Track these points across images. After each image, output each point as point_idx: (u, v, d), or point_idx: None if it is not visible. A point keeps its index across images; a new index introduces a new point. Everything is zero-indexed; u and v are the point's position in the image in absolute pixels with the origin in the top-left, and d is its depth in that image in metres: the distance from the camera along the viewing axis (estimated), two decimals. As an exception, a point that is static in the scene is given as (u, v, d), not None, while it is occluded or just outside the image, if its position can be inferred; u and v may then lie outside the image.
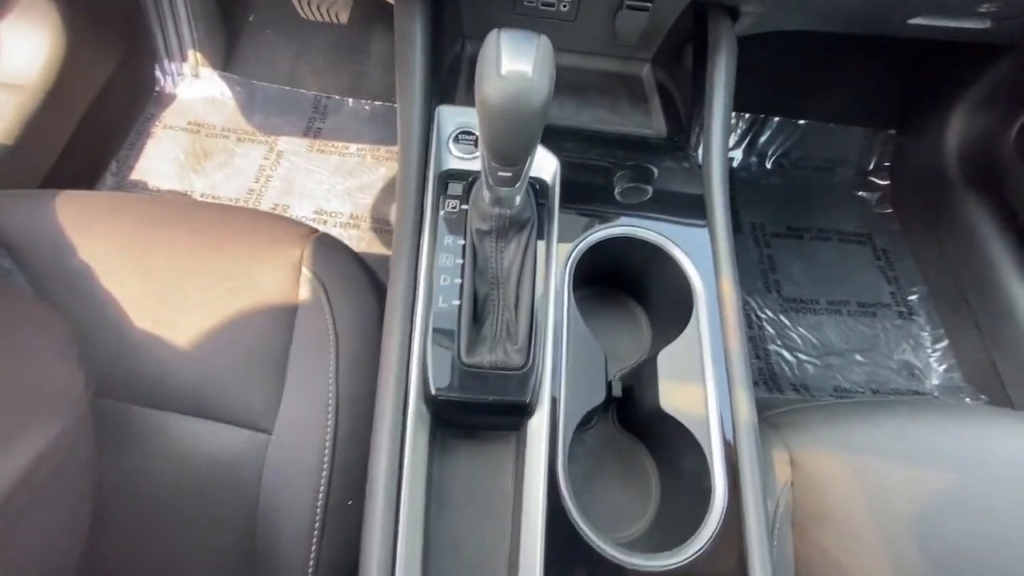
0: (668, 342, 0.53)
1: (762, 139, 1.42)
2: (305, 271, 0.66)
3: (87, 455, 0.58)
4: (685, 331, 0.52)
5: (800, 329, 1.22)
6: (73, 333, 0.58)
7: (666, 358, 0.51)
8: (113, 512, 0.59)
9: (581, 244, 0.55)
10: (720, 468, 0.46)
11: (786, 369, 1.17)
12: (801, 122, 1.41)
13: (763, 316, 1.23)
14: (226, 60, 1.40)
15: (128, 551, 0.58)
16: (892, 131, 1.41)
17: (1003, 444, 0.65)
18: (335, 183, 1.32)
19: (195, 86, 1.40)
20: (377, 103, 1.42)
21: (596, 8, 0.71)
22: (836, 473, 0.62)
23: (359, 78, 1.41)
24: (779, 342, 1.21)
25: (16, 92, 1.06)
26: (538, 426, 0.47)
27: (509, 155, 0.43)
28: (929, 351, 1.23)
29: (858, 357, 1.20)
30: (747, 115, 1.40)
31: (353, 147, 1.38)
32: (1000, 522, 0.61)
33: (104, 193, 0.79)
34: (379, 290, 0.69)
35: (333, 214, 1.28)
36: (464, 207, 0.55)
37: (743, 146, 1.43)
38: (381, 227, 1.27)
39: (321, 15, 1.32)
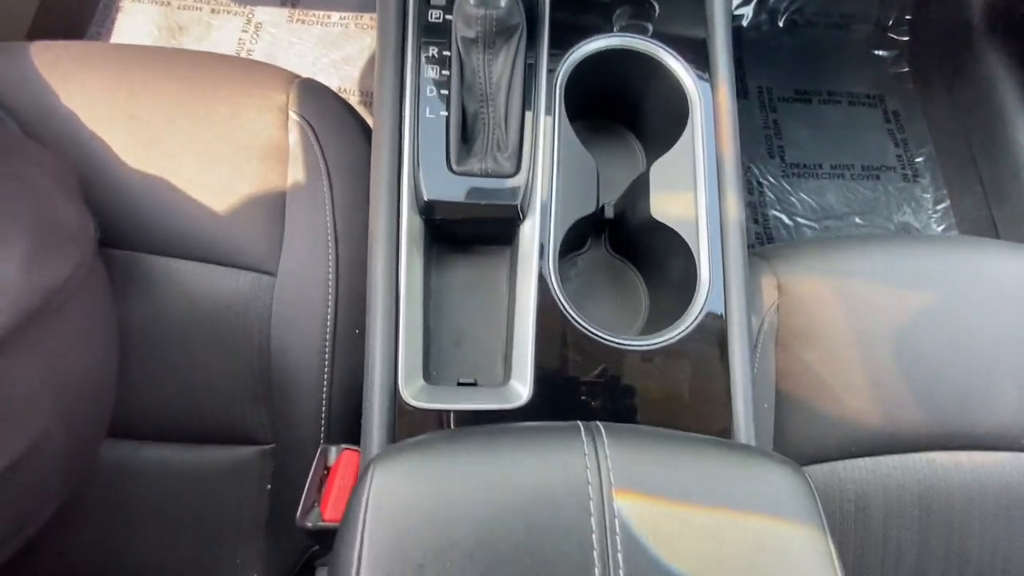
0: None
1: (777, -7, 1.31)
2: (292, 114, 0.65)
3: (104, 292, 0.60)
4: (679, 140, 0.52)
5: (801, 194, 1.21)
6: (76, 175, 0.58)
7: (659, 169, 0.51)
8: (130, 354, 0.62)
9: (575, 55, 0.53)
10: (705, 262, 0.48)
11: (783, 232, 1.18)
12: (818, -29, 1.29)
13: (764, 182, 1.22)
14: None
15: (150, 385, 0.62)
16: (917, -22, 1.30)
17: (990, 268, 0.67)
18: (319, 55, 1.25)
19: (158, -49, 1.28)
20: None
21: None
22: (822, 295, 0.64)
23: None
24: (778, 207, 1.20)
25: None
26: (530, 231, 0.48)
27: None
28: (930, 212, 1.22)
29: (857, 220, 1.20)
30: (760, -37, 1.28)
31: (335, 15, 1.29)
32: (977, 338, 0.63)
33: (84, 43, 0.75)
34: (367, 130, 0.68)
35: (320, 88, 1.23)
36: (448, 17, 0.52)
37: (753, 2, 1.32)
38: (369, 100, 1.22)
39: None
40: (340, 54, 1.25)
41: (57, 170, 0.58)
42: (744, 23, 1.33)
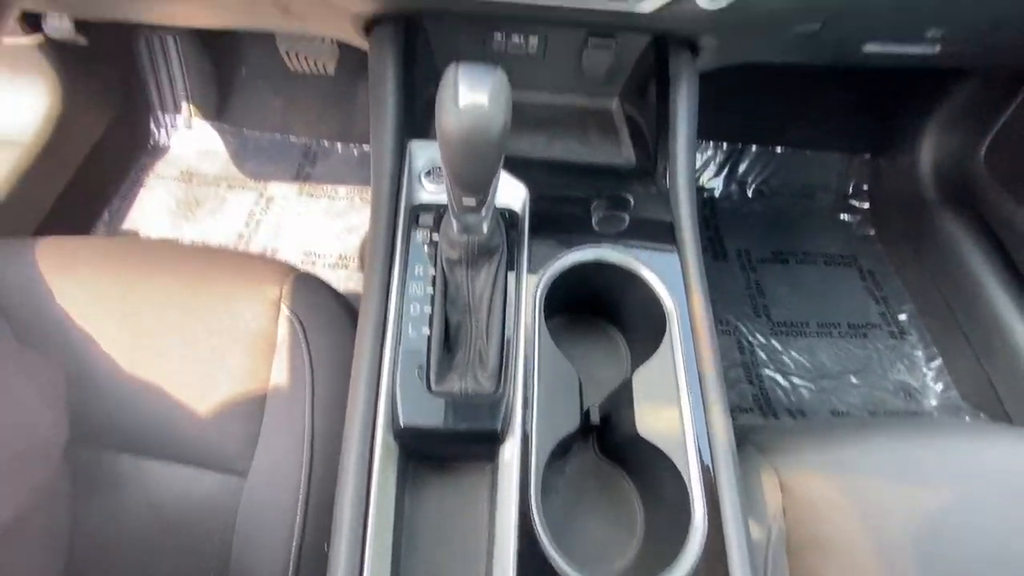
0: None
1: (741, 167, 1.46)
2: (284, 309, 0.67)
3: (64, 504, 0.57)
4: (659, 350, 0.52)
5: (792, 352, 1.22)
6: (63, 376, 0.58)
7: (640, 379, 0.50)
8: (87, 558, 0.57)
9: (551, 270, 0.56)
10: (699, 493, 0.45)
11: (780, 394, 1.16)
12: (778, 150, 1.44)
13: (754, 341, 1.23)
14: (218, 111, 1.45)
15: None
16: (867, 155, 1.45)
17: (995, 457, 0.64)
18: (324, 225, 1.34)
19: (188, 137, 1.44)
20: (366, 146, 1.46)
21: (562, 47, 0.74)
22: (828, 496, 0.60)
23: (347, 123, 1.46)
24: (772, 367, 1.19)
25: (11, 149, 1.10)
26: (510, 455, 0.46)
27: (471, 183, 0.45)
28: (924, 370, 1.21)
29: (852, 379, 1.19)
30: (725, 144, 1.43)
31: (342, 190, 1.41)
32: (998, 537, 0.59)
33: (86, 238, 0.81)
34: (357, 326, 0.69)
35: (322, 255, 1.30)
36: (435, 237, 0.56)
37: (723, 175, 1.46)
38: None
39: (309, 67, 1.38)
40: (344, 224, 1.35)
41: (43, 376, 0.58)
42: (716, 194, 1.45)
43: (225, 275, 0.70)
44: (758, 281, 1.33)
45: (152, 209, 1.34)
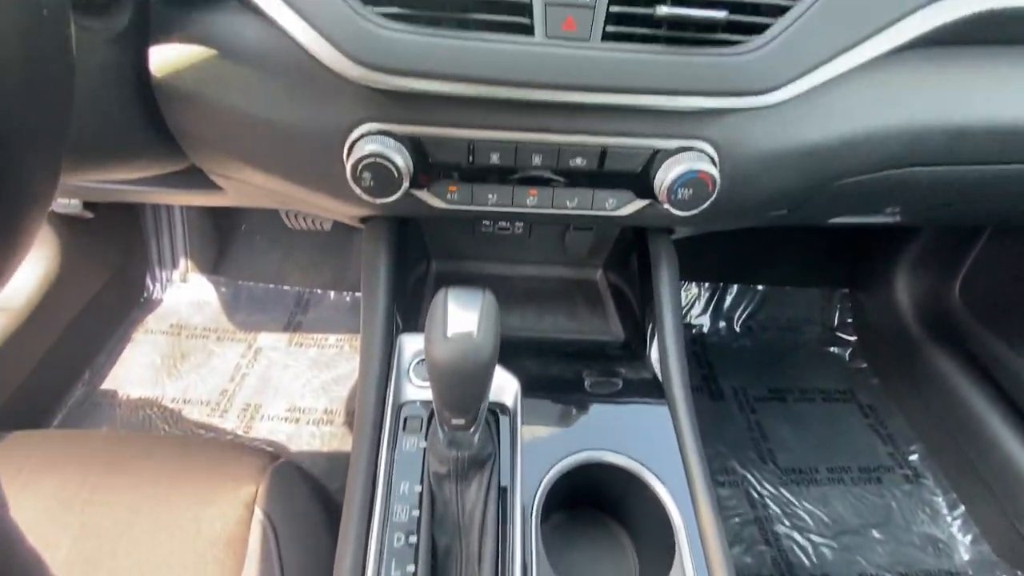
0: (655, 571, 0.47)
1: (726, 304, 1.49)
2: (258, 512, 0.62)
3: None
4: (672, 570, 0.47)
5: (806, 504, 1.14)
6: None
7: None
8: None
9: (548, 476, 0.53)
10: None
11: (801, 556, 1.06)
12: (759, 287, 1.49)
13: (764, 492, 1.15)
14: (216, 264, 1.49)
15: None
16: (846, 290, 1.49)
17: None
18: (311, 377, 1.31)
19: (182, 290, 1.46)
20: (358, 293, 1.48)
21: (546, 230, 0.78)
22: None
23: (341, 272, 1.50)
24: (787, 522, 1.11)
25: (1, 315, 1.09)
26: None
27: (460, 407, 0.43)
28: (948, 519, 1.13)
29: (875, 533, 1.10)
30: (707, 284, 1.48)
31: (332, 338, 1.40)
32: None
33: (49, 433, 0.77)
34: (335, 528, 0.64)
35: (307, 411, 1.25)
36: (423, 445, 0.53)
37: (709, 312, 1.48)
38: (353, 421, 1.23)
39: (307, 225, 1.45)
40: (332, 374, 1.32)
41: None
42: (705, 330, 1.47)
43: (198, 473, 0.65)
44: (759, 422, 1.29)
45: (136, 365, 1.31)
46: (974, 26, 0.53)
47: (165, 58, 0.52)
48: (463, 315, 0.42)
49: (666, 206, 0.57)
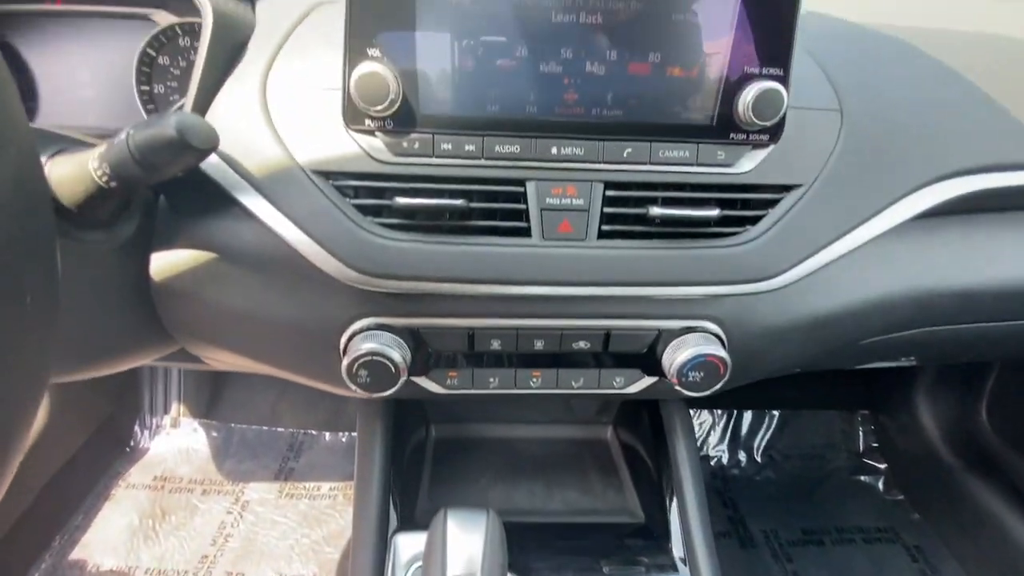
0: None
1: (743, 432, 1.41)
2: None
3: None
4: None
5: None
6: None
7: None
8: None
9: None
10: None
11: None
12: (775, 412, 1.42)
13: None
14: (208, 408, 1.44)
15: None
16: (866, 412, 1.43)
17: None
18: (301, 536, 1.20)
19: (171, 437, 1.40)
20: (353, 433, 1.41)
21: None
22: None
23: (337, 411, 1.44)
24: None
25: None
26: None
27: None
28: None
29: None
30: (719, 411, 1.41)
31: (325, 486, 1.31)
32: None
33: None
34: None
35: (294, 579, 1.13)
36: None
37: (726, 442, 1.40)
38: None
39: (304, 365, 1.42)
40: (323, 531, 1.21)
41: None
42: (724, 462, 1.38)
43: None
44: (796, 572, 1.16)
45: (112, 527, 1.20)
46: (969, 201, 0.54)
47: (166, 261, 0.53)
48: (465, 551, 0.37)
49: (677, 388, 0.54)
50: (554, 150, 0.48)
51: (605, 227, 0.49)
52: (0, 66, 0.26)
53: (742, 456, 1.39)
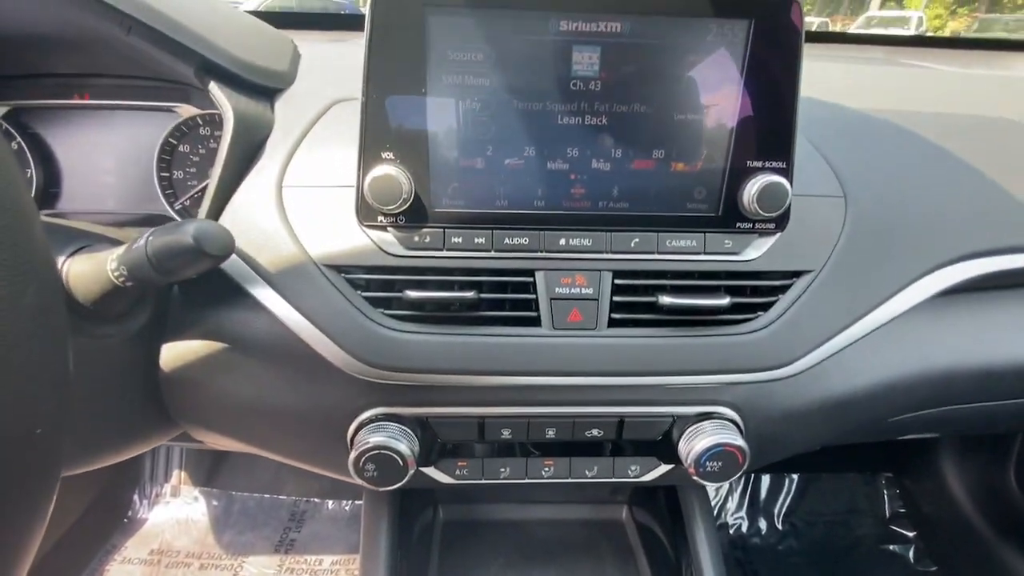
0: None
1: (762, 497, 1.35)
2: None
3: None
4: None
5: None
6: None
7: None
8: None
9: None
10: None
11: None
12: (794, 476, 1.37)
13: None
14: (210, 475, 1.40)
15: None
16: (889, 474, 1.37)
17: None
18: (301, 616, 1.14)
19: (170, 506, 1.35)
20: (357, 502, 1.37)
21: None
22: None
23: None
24: None
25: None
26: None
27: None
28: None
29: None
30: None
31: (327, 560, 1.26)
32: None
33: None
34: None
35: (292, 667, 1.06)
36: None
37: (744, 508, 1.34)
38: None
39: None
40: (324, 612, 1.15)
41: None
42: (744, 530, 1.31)
43: None
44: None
45: (103, 608, 1.15)
46: (977, 282, 0.54)
47: (177, 350, 0.53)
48: None
49: (695, 477, 0.52)
50: (562, 241, 0.48)
51: (615, 315, 0.49)
52: (10, 168, 0.26)
53: (763, 523, 1.33)
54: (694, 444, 0.51)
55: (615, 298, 0.49)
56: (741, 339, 0.49)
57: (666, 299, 0.48)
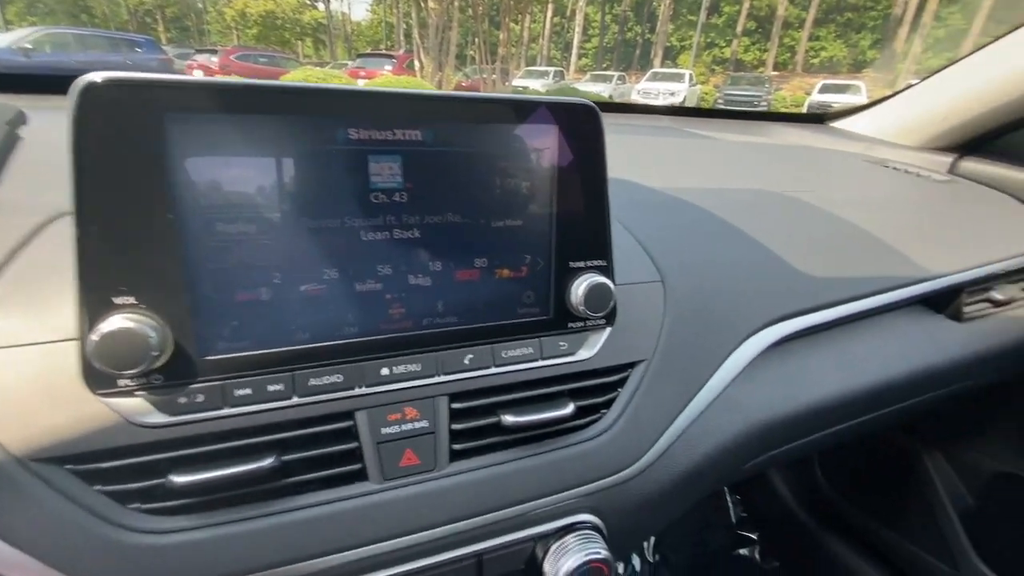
0: None
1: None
2: None
3: None
4: None
5: None
6: None
7: None
8: None
9: None
10: None
11: None
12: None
13: None
14: None
15: None
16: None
17: None
18: None
19: None
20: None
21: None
22: None
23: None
24: None
25: None
26: None
27: None
28: None
29: None
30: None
31: None
32: None
33: None
34: None
35: None
36: None
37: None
38: None
39: None
40: None
41: None
42: (620, 571, 1.33)
43: None
44: None
45: None
46: (782, 341, 0.59)
47: None
48: None
49: None
50: (384, 371, 0.41)
51: (456, 446, 0.43)
52: None
53: (636, 563, 1.36)
54: (561, 564, 0.46)
55: (454, 426, 0.43)
56: (591, 445, 0.46)
57: (510, 419, 0.43)
